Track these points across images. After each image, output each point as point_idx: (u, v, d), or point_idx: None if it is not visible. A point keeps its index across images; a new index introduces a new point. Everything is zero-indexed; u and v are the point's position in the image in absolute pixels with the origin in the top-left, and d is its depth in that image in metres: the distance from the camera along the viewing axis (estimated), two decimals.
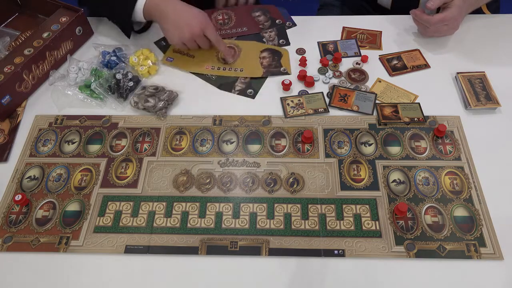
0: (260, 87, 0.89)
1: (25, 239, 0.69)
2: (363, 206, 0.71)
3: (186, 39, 0.86)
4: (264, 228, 0.69)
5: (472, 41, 0.94)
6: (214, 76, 0.91)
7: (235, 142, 0.80)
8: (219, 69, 0.92)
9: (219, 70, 0.91)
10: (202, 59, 0.93)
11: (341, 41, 0.97)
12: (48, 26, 0.91)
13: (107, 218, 0.71)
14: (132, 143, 0.80)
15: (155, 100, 0.84)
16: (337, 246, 0.66)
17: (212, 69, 0.92)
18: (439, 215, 0.69)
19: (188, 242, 0.68)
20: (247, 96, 0.87)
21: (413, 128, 0.80)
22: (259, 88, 0.88)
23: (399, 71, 0.90)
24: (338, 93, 0.86)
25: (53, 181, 0.76)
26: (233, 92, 0.88)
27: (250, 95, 0.87)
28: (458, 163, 0.75)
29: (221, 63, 0.93)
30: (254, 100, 0.87)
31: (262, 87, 0.89)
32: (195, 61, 0.93)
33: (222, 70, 0.91)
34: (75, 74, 0.89)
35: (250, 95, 0.87)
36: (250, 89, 0.88)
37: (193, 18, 0.85)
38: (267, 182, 0.74)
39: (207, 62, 0.93)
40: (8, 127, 0.84)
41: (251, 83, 0.89)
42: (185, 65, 0.93)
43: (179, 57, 0.94)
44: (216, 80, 0.90)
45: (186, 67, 0.92)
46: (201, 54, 0.94)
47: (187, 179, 0.75)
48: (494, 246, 0.65)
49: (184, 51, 0.94)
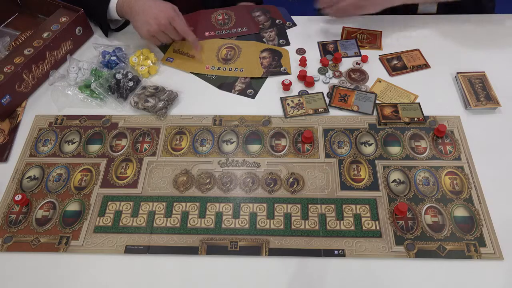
0: (260, 87, 0.89)
1: (25, 239, 0.69)
2: (363, 206, 0.71)
3: (154, 32, 0.87)
4: (264, 228, 0.69)
5: (472, 41, 0.94)
6: (214, 76, 0.91)
7: (235, 142, 0.80)
8: (219, 69, 0.92)
9: (219, 70, 0.92)
10: (202, 59, 0.93)
11: (341, 41, 0.97)
12: (48, 26, 0.91)
13: (107, 218, 0.71)
14: (132, 143, 0.80)
15: (155, 100, 0.84)
16: (337, 246, 0.66)
17: (212, 69, 0.92)
18: (439, 215, 0.69)
19: (188, 242, 0.68)
20: (247, 96, 0.87)
21: (413, 128, 0.80)
22: (259, 88, 0.88)
23: (399, 71, 0.90)
24: (338, 93, 0.86)
25: (53, 181, 0.76)
26: (233, 92, 0.88)
27: (250, 95, 0.87)
28: (458, 163, 0.75)
29: (221, 63, 0.93)
30: (254, 100, 0.87)
31: (262, 87, 0.89)
32: (195, 61, 0.93)
33: (222, 70, 0.91)
34: (75, 74, 0.89)
35: (250, 95, 0.87)
36: (250, 89, 0.88)
37: (160, 11, 0.86)
38: (267, 182, 0.74)
39: (207, 62, 0.93)
40: (8, 127, 0.84)
41: (251, 83, 0.89)
42: (185, 65, 0.93)
43: (179, 57, 0.94)
44: (216, 80, 0.90)
45: (186, 67, 0.92)
46: (201, 54, 0.94)
47: (187, 179, 0.75)
48: (494, 246, 0.65)
49: (184, 51, 0.94)
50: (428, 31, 0.97)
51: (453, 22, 0.99)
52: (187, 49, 0.95)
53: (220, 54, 0.94)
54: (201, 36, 0.96)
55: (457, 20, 0.99)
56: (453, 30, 0.97)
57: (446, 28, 0.97)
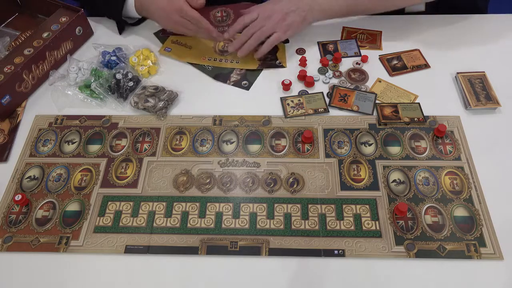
0: (255, 79, 0.90)
1: (25, 239, 0.69)
2: (363, 206, 0.71)
3: (172, 27, 0.89)
4: (264, 228, 0.69)
5: (472, 41, 0.94)
6: (210, 67, 0.92)
7: (235, 142, 0.80)
8: (215, 60, 0.93)
9: (216, 61, 0.93)
10: (200, 50, 0.95)
11: (341, 41, 0.97)
12: (48, 26, 0.91)
13: (107, 218, 0.71)
14: (132, 143, 0.80)
15: (155, 100, 0.84)
16: (337, 246, 0.66)
17: (209, 60, 0.93)
18: (439, 215, 0.69)
19: (188, 242, 0.68)
20: (242, 88, 0.88)
21: (413, 128, 0.80)
22: (253, 80, 0.90)
23: (399, 71, 0.90)
24: (338, 93, 0.86)
25: (53, 181, 0.76)
26: (228, 83, 0.89)
27: (245, 87, 0.88)
28: (458, 163, 0.75)
29: (218, 55, 0.94)
30: (254, 100, 0.87)
31: (263, 86, 0.89)
32: (192, 51, 0.95)
33: (219, 62, 0.93)
34: (75, 74, 0.89)
35: (244, 86, 0.89)
36: (245, 81, 0.89)
37: (168, 5, 0.86)
38: (267, 182, 0.74)
39: (204, 53, 0.94)
40: (8, 127, 0.84)
41: (246, 75, 0.91)
42: (183, 55, 0.94)
43: (177, 48, 0.96)
44: (212, 71, 0.91)
45: (183, 57, 0.94)
46: (199, 45, 0.95)
47: (187, 179, 0.75)
48: (494, 246, 0.65)
49: (182, 42, 0.96)
50: (428, 31, 0.97)
51: (453, 22, 0.99)
52: (185, 40, 0.96)
53: (218, 45, 0.96)
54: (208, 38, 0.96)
55: (457, 20, 0.99)
56: (453, 30, 0.97)
57: (446, 28, 0.97)
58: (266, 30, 0.86)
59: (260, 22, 0.86)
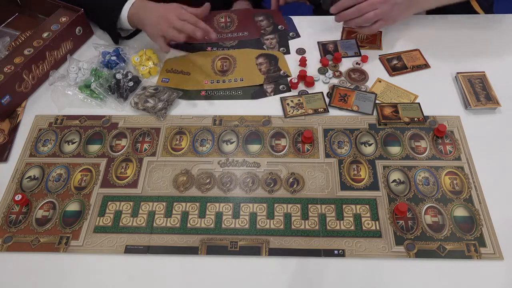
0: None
1: (25, 239, 0.69)
2: (363, 206, 0.71)
3: (165, 31, 0.85)
4: (264, 228, 0.69)
5: (472, 41, 0.94)
6: (240, 92, 0.88)
7: (235, 142, 0.80)
8: (218, 82, 0.89)
9: (219, 83, 0.89)
10: (198, 74, 0.90)
11: (341, 41, 0.97)
12: (48, 26, 0.91)
13: (107, 218, 0.71)
14: (132, 143, 0.80)
15: (155, 100, 0.84)
16: (337, 246, 0.66)
17: (211, 83, 0.89)
18: (439, 215, 0.69)
19: (188, 242, 0.68)
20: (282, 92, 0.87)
21: (413, 128, 0.80)
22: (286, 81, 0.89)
23: (399, 71, 0.90)
24: (338, 93, 0.86)
25: (53, 181, 0.76)
26: (269, 95, 0.87)
27: (284, 90, 0.87)
28: (458, 163, 0.75)
29: (219, 76, 0.90)
30: (254, 100, 0.87)
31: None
32: (191, 77, 0.90)
33: (222, 83, 0.89)
34: (75, 74, 0.89)
35: (283, 90, 0.87)
36: (283, 85, 0.88)
37: (166, 10, 0.86)
38: (267, 182, 0.74)
39: (204, 76, 0.90)
40: (8, 127, 0.84)
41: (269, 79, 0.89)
42: (182, 83, 0.89)
43: (174, 76, 0.90)
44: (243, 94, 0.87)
45: (184, 85, 0.88)
46: (196, 69, 0.91)
47: (187, 179, 0.75)
48: (494, 246, 0.65)
49: (177, 70, 0.91)
50: (428, 31, 0.97)
51: (453, 22, 0.99)
52: (180, 67, 0.92)
53: (216, 66, 0.92)
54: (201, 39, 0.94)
55: (457, 20, 0.99)
56: (453, 30, 0.97)
57: (446, 28, 0.97)
58: (379, 14, 0.85)
59: (375, 4, 0.85)
